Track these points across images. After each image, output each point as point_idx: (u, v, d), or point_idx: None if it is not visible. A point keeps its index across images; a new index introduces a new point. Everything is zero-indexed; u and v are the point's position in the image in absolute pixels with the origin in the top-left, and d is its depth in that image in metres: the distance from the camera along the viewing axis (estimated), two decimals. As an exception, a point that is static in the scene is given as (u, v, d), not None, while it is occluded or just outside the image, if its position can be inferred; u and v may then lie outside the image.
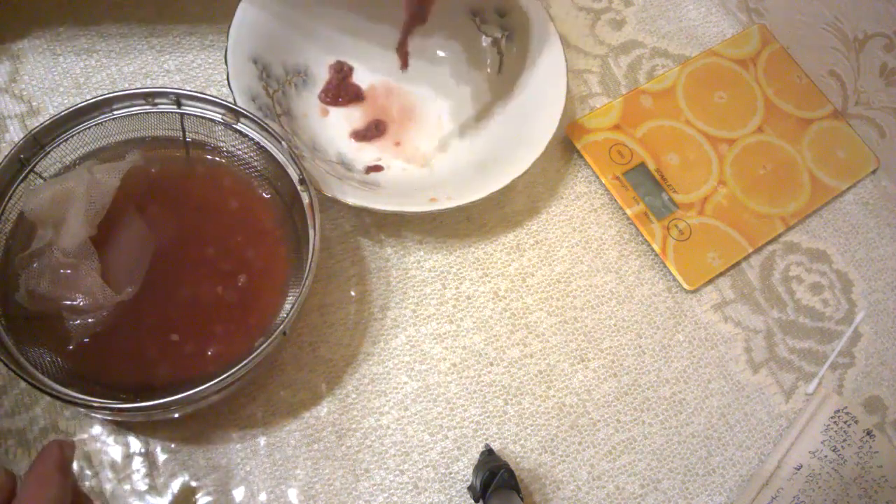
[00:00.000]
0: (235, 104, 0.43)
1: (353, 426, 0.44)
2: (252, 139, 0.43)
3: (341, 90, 0.51)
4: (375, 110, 0.52)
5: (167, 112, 0.42)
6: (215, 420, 0.43)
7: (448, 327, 0.47)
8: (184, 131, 0.43)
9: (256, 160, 0.44)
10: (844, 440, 0.48)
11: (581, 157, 0.54)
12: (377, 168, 0.50)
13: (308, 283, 0.38)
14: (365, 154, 0.51)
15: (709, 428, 0.48)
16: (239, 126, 0.43)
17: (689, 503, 0.45)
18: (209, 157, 0.44)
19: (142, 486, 0.41)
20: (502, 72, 0.53)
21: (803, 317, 0.52)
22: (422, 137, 0.52)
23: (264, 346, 0.36)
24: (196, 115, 0.42)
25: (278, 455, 0.43)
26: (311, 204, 0.40)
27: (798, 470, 0.46)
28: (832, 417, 0.48)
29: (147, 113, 0.42)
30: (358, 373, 0.45)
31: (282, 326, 0.37)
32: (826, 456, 0.47)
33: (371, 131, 0.51)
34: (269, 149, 0.42)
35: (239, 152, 0.44)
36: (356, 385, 0.45)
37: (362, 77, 0.52)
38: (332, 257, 0.48)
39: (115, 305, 0.38)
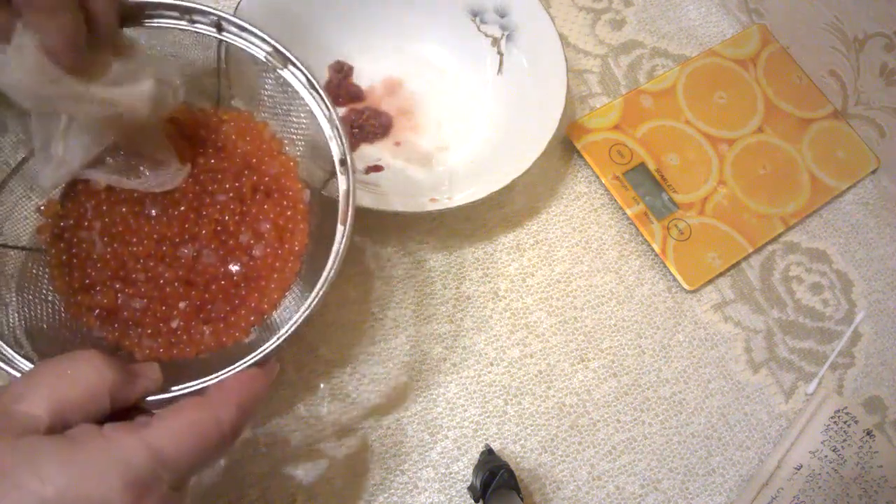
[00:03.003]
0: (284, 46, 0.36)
1: (353, 426, 0.44)
2: (295, 94, 0.36)
3: (341, 90, 0.51)
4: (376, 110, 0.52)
5: (205, 34, 0.36)
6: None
7: (448, 327, 0.47)
8: (219, 60, 0.37)
9: (295, 122, 0.38)
10: (844, 440, 0.48)
11: (581, 157, 0.54)
12: (377, 168, 0.50)
13: (322, 292, 0.32)
14: (365, 154, 0.51)
15: (709, 428, 0.48)
16: (284, 73, 0.36)
17: (689, 503, 0.45)
18: (242, 99, 0.39)
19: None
20: (502, 72, 0.53)
21: (803, 317, 0.52)
22: (422, 137, 0.52)
23: (257, 354, 0.31)
24: (237, 46, 0.36)
25: (279, 455, 0.43)
26: (348, 192, 0.34)
27: (798, 470, 0.46)
28: (832, 417, 0.48)
29: (181, 30, 0.35)
30: (358, 373, 0.45)
31: (281, 333, 0.32)
32: (826, 456, 0.47)
33: (372, 129, 0.51)
34: (313, 111, 0.36)
35: (277, 106, 0.38)
36: (356, 385, 0.45)
37: (362, 77, 0.52)
38: (332, 257, 0.48)
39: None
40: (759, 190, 0.54)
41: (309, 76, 0.36)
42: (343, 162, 0.35)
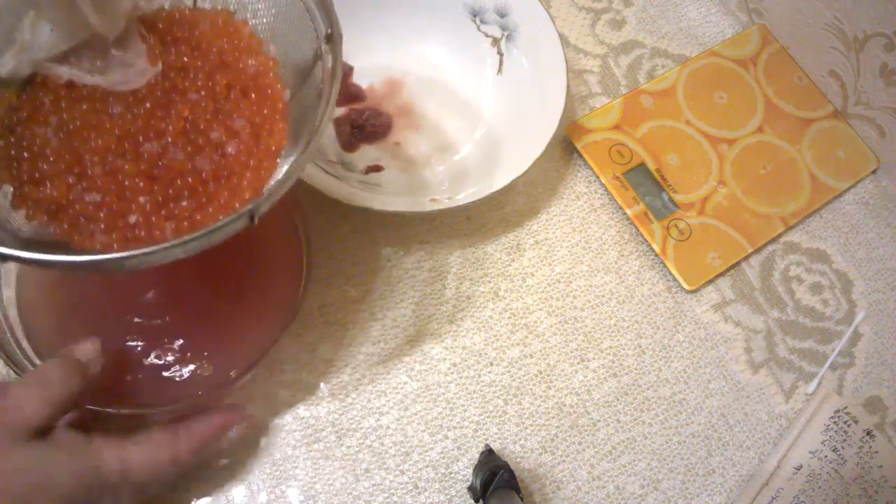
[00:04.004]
0: None
1: (353, 426, 0.44)
2: None
3: (341, 90, 0.51)
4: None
5: None
6: (215, 420, 0.43)
7: (448, 327, 0.47)
8: None
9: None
10: (844, 440, 0.48)
11: (581, 157, 0.53)
12: (377, 168, 0.50)
13: (302, 161, 0.30)
14: (365, 154, 0.51)
15: (709, 428, 0.48)
16: None
17: (689, 503, 0.45)
18: None
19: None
20: (502, 72, 0.53)
21: (803, 317, 0.52)
22: (422, 137, 0.52)
23: (228, 220, 0.28)
24: None
25: (278, 455, 0.43)
26: (332, 70, 0.33)
27: (798, 470, 0.46)
28: (832, 417, 0.48)
29: None
30: (358, 373, 0.45)
31: (255, 201, 0.29)
32: (826, 456, 0.47)
33: (372, 128, 0.51)
34: None
35: None
36: (356, 385, 0.45)
37: (362, 77, 0.52)
38: (332, 257, 0.48)
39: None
40: (759, 190, 0.54)
41: None
42: (330, 37, 0.33)
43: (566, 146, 0.54)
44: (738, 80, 0.58)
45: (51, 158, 0.34)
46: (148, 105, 0.34)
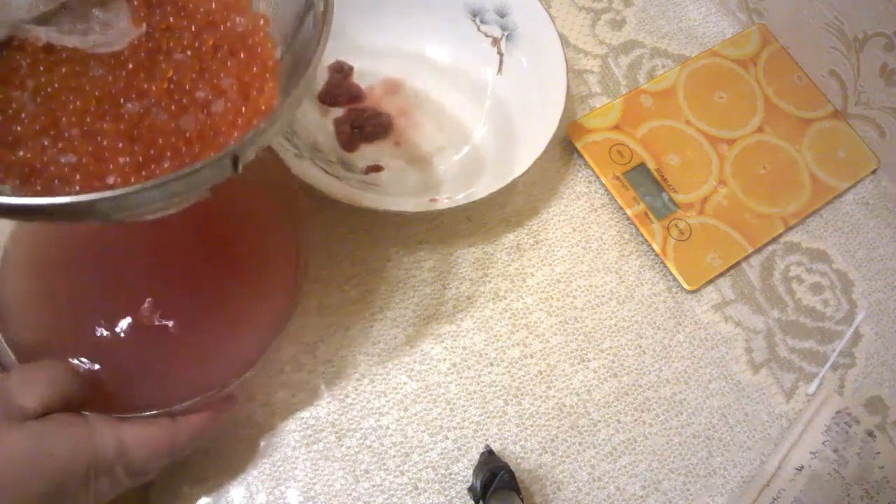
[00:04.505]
0: None
1: (353, 427, 0.44)
2: None
3: (341, 90, 0.51)
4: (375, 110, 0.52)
5: None
6: (214, 421, 0.42)
7: (448, 327, 0.47)
8: None
9: None
10: (845, 441, 0.48)
11: (581, 157, 0.53)
12: (377, 168, 0.50)
13: (291, 102, 0.29)
14: (365, 154, 0.50)
15: (709, 428, 0.47)
16: None
17: (689, 504, 0.45)
18: None
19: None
20: (502, 72, 0.53)
21: (804, 317, 0.52)
22: (422, 138, 0.52)
23: (209, 160, 0.26)
24: None
25: (278, 455, 0.42)
26: (324, 13, 0.31)
27: (799, 471, 0.46)
28: (833, 418, 0.48)
29: None
30: (358, 373, 0.45)
31: (238, 143, 0.27)
32: (827, 457, 0.47)
33: (373, 128, 0.51)
34: None
35: None
36: (356, 385, 0.45)
37: (362, 77, 0.52)
38: (332, 257, 0.48)
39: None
40: (759, 190, 0.54)
41: None
42: None
43: (566, 146, 0.54)
44: (739, 80, 0.58)
45: (25, 121, 0.32)
46: (130, 66, 0.33)
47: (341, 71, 0.52)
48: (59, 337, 0.39)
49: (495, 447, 0.44)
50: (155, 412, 0.35)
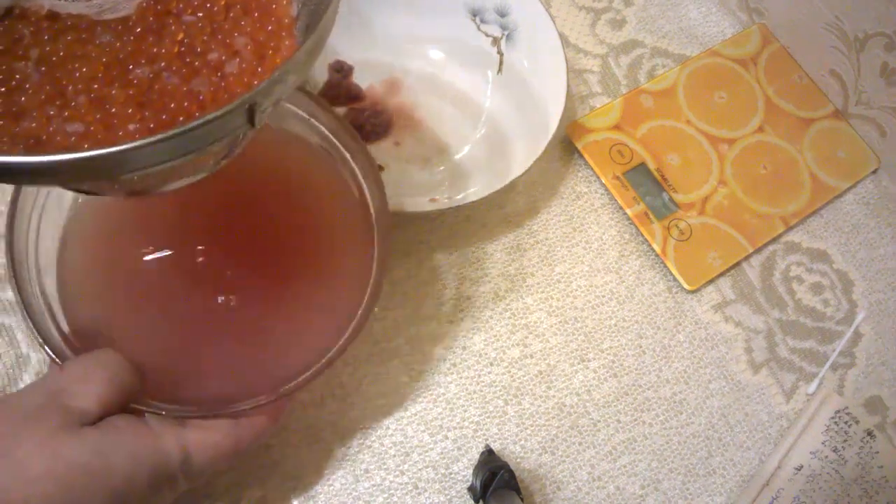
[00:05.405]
0: None
1: (353, 426, 0.44)
2: None
3: (341, 90, 0.51)
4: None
5: None
6: (215, 420, 0.43)
7: (448, 327, 0.47)
8: None
9: None
10: (845, 441, 0.48)
11: (581, 157, 0.53)
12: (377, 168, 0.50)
13: (311, 48, 0.27)
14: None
15: (709, 428, 0.48)
16: None
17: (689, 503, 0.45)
18: None
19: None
20: (502, 72, 0.53)
21: (804, 317, 0.52)
22: (422, 137, 0.52)
23: (221, 111, 0.24)
24: None
25: (277, 455, 0.42)
26: None
27: (799, 470, 0.46)
28: (833, 418, 0.48)
29: None
30: (358, 373, 0.45)
31: (253, 91, 0.24)
32: (827, 456, 0.47)
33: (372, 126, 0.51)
34: None
35: None
36: (356, 385, 0.45)
37: (362, 77, 0.52)
38: (332, 257, 0.48)
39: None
40: (759, 190, 0.54)
41: None
42: None
43: (566, 146, 0.54)
44: (739, 80, 0.58)
45: (30, 91, 0.31)
46: (138, 31, 0.31)
47: (341, 70, 0.52)
48: (121, 318, 0.36)
49: (495, 447, 0.44)
50: (219, 412, 0.33)
